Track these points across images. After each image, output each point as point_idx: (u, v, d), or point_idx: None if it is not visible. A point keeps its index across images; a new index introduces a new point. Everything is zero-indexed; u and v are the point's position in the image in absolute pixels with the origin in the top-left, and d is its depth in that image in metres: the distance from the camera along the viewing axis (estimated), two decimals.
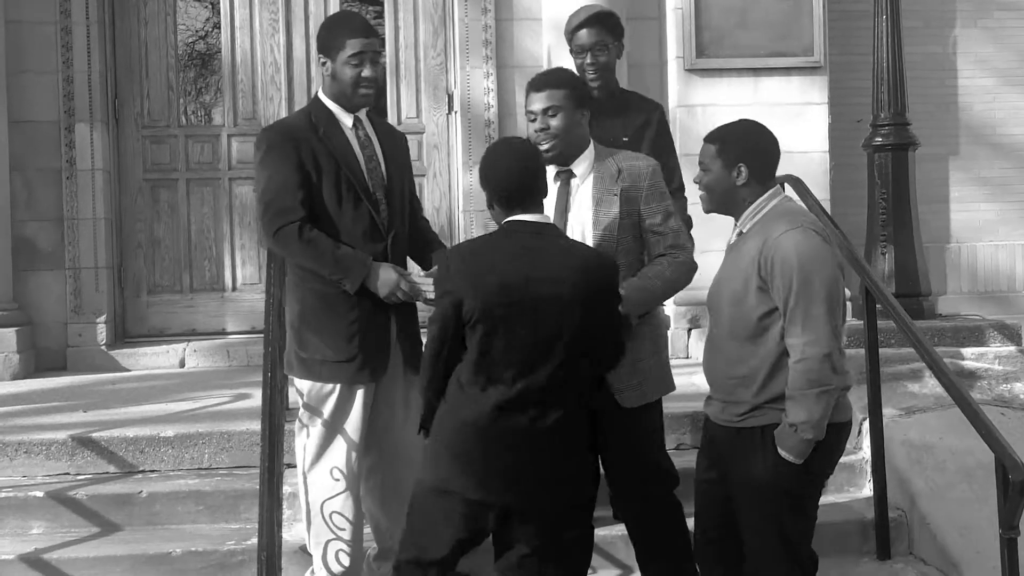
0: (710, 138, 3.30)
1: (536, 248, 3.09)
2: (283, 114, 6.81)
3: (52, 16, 6.56)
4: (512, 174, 3.15)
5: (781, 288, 3.06)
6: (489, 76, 6.83)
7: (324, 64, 3.68)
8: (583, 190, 3.47)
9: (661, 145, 4.15)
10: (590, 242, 3.40)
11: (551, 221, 3.22)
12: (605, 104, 4.08)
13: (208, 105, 7.16)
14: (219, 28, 7.02)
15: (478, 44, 6.83)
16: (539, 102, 3.43)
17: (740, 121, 3.35)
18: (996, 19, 7.72)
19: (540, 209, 3.19)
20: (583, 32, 4.13)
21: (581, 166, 3.48)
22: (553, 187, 3.46)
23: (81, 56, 6.58)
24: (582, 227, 3.43)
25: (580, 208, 3.45)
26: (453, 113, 6.97)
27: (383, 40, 6.74)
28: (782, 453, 3.07)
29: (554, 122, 3.41)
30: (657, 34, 6.81)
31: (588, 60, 4.12)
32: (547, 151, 3.41)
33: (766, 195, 3.24)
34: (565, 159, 3.46)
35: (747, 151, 3.23)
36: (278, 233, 3.56)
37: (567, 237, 3.29)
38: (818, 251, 3.09)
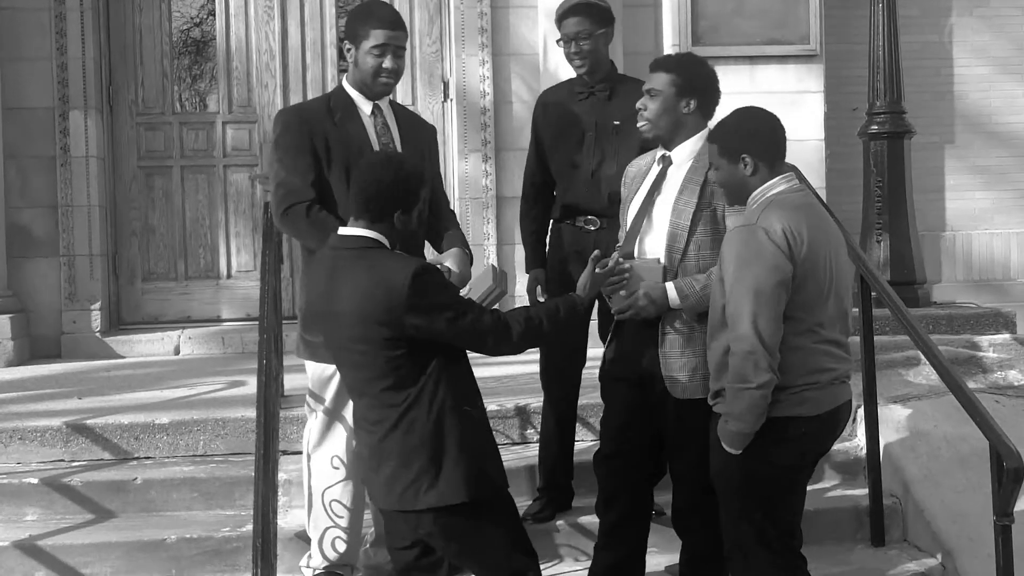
0: (711, 137, 3.26)
1: (342, 263, 3.00)
2: (278, 101, 6.83)
3: (46, 3, 6.55)
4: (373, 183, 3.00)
5: (724, 283, 3.09)
6: (485, 64, 6.81)
7: (349, 51, 3.70)
8: (676, 176, 3.42)
9: None
10: (663, 230, 3.35)
11: (377, 236, 3.00)
12: (597, 89, 4.08)
13: (203, 92, 7.14)
14: (213, 15, 6.99)
15: (474, 32, 6.81)
16: (647, 81, 3.47)
17: (733, 112, 3.26)
18: (992, 8, 7.73)
19: (365, 224, 3.01)
20: (568, 21, 4.08)
21: (683, 152, 3.44)
22: (655, 169, 3.46)
23: (75, 43, 6.56)
24: (662, 214, 3.39)
25: (667, 194, 3.41)
26: (449, 101, 6.95)
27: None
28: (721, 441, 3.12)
29: (651, 104, 3.42)
30: (653, 22, 6.79)
31: (572, 49, 4.08)
32: (643, 133, 3.48)
33: (769, 183, 3.18)
34: (664, 142, 3.46)
35: (746, 140, 3.17)
36: (286, 212, 3.61)
37: (386, 254, 3.01)
38: (752, 250, 3.02)
